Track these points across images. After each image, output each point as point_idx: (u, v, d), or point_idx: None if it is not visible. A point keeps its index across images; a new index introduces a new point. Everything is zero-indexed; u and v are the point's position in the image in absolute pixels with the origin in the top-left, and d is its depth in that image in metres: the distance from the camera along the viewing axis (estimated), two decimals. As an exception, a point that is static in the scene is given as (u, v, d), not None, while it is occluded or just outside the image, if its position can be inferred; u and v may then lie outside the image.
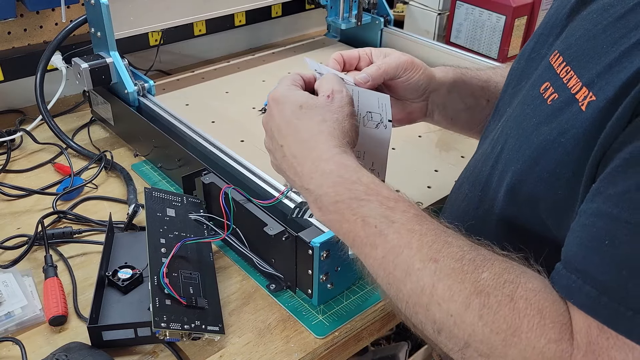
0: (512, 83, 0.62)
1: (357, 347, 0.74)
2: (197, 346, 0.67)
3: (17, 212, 0.88)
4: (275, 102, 0.61)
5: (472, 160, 0.67)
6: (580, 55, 0.48)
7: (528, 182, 0.50)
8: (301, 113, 0.59)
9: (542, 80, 0.52)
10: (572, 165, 0.46)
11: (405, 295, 0.49)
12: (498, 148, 0.57)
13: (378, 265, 0.51)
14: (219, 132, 0.97)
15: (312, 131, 0.58)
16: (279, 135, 0.60)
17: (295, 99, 0.60)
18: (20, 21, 1.14)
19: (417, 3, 1.51)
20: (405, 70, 0.70)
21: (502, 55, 1.36)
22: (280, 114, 0.60)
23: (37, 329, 0.69)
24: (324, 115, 0.59)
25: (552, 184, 0.48)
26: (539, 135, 0.49)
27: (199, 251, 0.74)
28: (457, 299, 0.45)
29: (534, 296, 0.44)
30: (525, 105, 0.54)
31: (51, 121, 1.03)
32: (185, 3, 1.10)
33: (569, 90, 0.47)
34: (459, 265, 0.46)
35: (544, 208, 0.50)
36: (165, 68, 1.36)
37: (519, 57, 0.63)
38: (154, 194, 0.78)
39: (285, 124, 0.59)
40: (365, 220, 0.52)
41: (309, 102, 0.60)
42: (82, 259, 0.80)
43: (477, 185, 0.60)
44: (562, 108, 0.48)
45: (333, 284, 0.71)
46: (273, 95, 0.62)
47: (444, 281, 0.46)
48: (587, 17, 0.50)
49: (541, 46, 0.58)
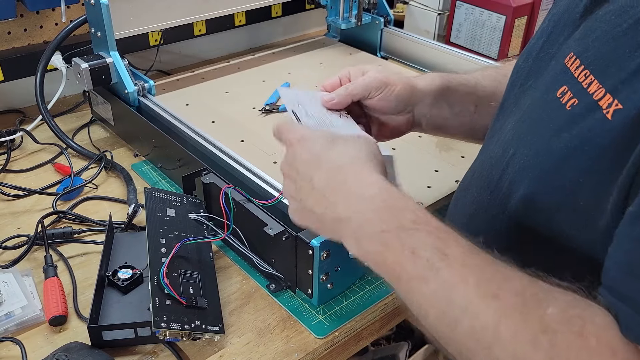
0: (519, 81, 0.61)
1: (357, 347, 0.74)
2: (197, 346, 0.67)
3: (17, 212, 0.88)
4: (299, 142, 0.57)
5: (477, 162, 0.66)
6: (600, 59, 0.46)
7: (547, 190, 0.48)
8: (333, 145, 0.56)
9: (559, 84, 0.50)
10: (597, 175, 0.44)
11: (461, 335, 0.44)
12: (510, 152, 0.55)
13: (428, 302, 0.46)
14: (219, 132, 0.97)
15: (348, 156, 0.54)
16: (307, 169, 0.55)
17: (323, 134, 0.57)
18: (20, 21, 1.14)
19: (417, 3, 1.51)
20: (377, 89, 0.70)
21: (502, 55, 1.36)
22: (308, 151, 0.56)
23: (37, 329, 0.69)
24: (359, 146, 0.56)
25: (574, 193, 0.46)
26: (559, 142, 0.47)
27: (199, 251, 0.74)
28: (523, 338, 0.41)
29: (604, 333, 0.40)
30: (541, 109, 0.52)
31: (51, 121, 1.03)
32: (185, 3, 1.10)
33: (591, 96, 0.45)
34: (522, 300, 0.43)
35: (564, 217, 0.48)
36: (165, 68, 1.36)
37: (525, 56, 0.61)
38: (154, 194, 0.78)
39: (316, 158, 0.55)
40: (415, 252, 0.47)
41: (342, 138, 0.57)
42: (82, 259, 0.80)
43: (485, 189, 0.58)
44: (584, 114, 0.46)
45: (333, 284, 0.71)
46: (294, 137, 0.58)
47: (508, 319, 0.42)
48: (603, 18, 0.48)
49: (551, 45, 0.56)
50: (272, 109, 1.09)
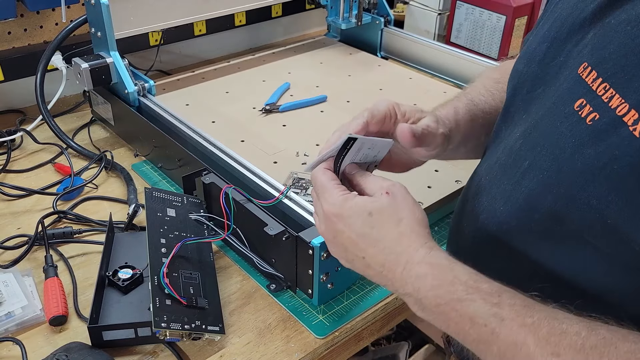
0: (524, 87, 0.59)
1: (357, 347, 0.74)
2: (197, 346, 0.67)
3: (17, 212, 0.88)
4: (338, 218, 0.56)
5: (484, 168, 0.64)
6: (620, 72, 0.45)
7: (574, 208, 0.48)
8: (373, 220, 0.55)
9: (575, 96, 0.49)
10: (626, 194, 0.44)
11: None
12: (525, 164, 0.54)
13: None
14: (219, 132, 0.97)
15: (392, 236, 0.55)
16: (356, 249, 0.56)
17: (359, 208, 0.56)
18: (20, 21, 1.14)
19: (417, 3, 1.51)
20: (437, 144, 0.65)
21: (502, 55, 1.36)
22: (350, 228, 0.56)
23: (38, 329, 0.69)
24: (397, 215, 0.55)
25: (602, 211, 0.46)
26: (584, 159, 0.47)
27: (199, 251, 0.74)
28: None
29: None
30: (558, 121, 0.51)
31: (51, 121, 1.03)
32: (185, 3, 1.10)
33: (613, 111, 0.45)
34: (583, 357, 0.43)
35: (595, 235, 0.48)
36: (165, 68, 1.37)
37: (527, 60, 0.60)
38: (154, 194, 0.78)
39: (362, 238, 0.55)
40: (473, 320, 0.49)
41: (376, 207, 0.56)
42: (82, 259, 0.80)
43: (497, 199, 0.58)
44: (608, 130, 0.45)
45: (333, 284, 0.71)
46: (330, 211, 0.57)
47: None
48: (619, 29, 0.47)
49: (556, 52, 0.55)
50: (273, 109, 1.09)
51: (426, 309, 0.53)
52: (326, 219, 0.58)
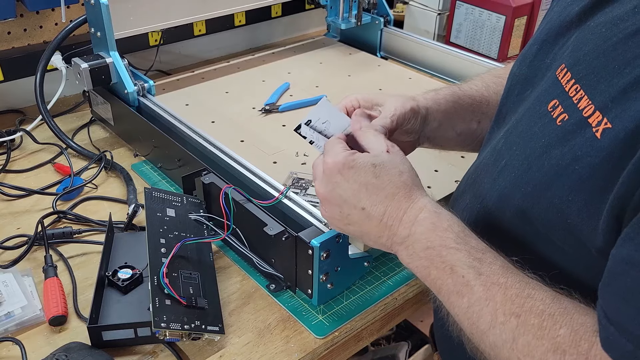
0: (516, 89, 0.60)
1: (357, 347, 0.74)
2: (197, 346, 0.67)
3: (17, 212, 0.88)
4: (341, 167, 0.58)
5: (473, 167, 0.65)
6: (590, 74, 0.46)
7: (539, 206, 0.49)
8: (377, 171, 0.57)
9: (550, 97, 0.50)
10: (586, 194, 0.45)
11: (487, 347, 0.50)
12: (502, 162, 0.55)
13: (463, 315, 0.52)
14: (219, 132, 0.97)
15: (396, 184, 0.57)
16: (355, 200, 0.58)
17: (363, 160, 0.58)
18: (20, 21, 1.14)
19: (417, 3, 1.51)
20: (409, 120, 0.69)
21: (502, 55, 1.36)
22: (353, 178, 0.58)
23: (37, 329, 0.69)
24: (399, 168, 0.58)
25: (563, 211, 0.47)
26: (550, 159, 0.48)
27: (199, 251, 0.74)
28: (534, 355, 0.45)
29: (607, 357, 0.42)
30: (532, 122, 0.52)
31: (51, 121, 1.03)
32: (185, 3, 1.10)
33: (580, 113, 0.45)
34: (539, 320, 0.46)
35: (558, 236, 0.49)
36: (165, 68, 1.36)
37: (520, 62, 0.61)
38: (154, 194, 0.78)
39: (364, 187, 0.57)
40: (453, 269, 0.52)
41: (379, 160, 0.58)
42: (82, 259, 0.80)
43: (477, 197, 0.59)
44: (574, 131, 0.46)
45: (333, 284, 0.71)
46: (334, 162, 0.59)
47: (524, 337, 0.46)
48: (595, 30, 0.48)
49: (545, 54, 0.56)
50: (272, 109, 1.09)
51: (414, 254, 0.55)
52: (327, 174, 0.59)
